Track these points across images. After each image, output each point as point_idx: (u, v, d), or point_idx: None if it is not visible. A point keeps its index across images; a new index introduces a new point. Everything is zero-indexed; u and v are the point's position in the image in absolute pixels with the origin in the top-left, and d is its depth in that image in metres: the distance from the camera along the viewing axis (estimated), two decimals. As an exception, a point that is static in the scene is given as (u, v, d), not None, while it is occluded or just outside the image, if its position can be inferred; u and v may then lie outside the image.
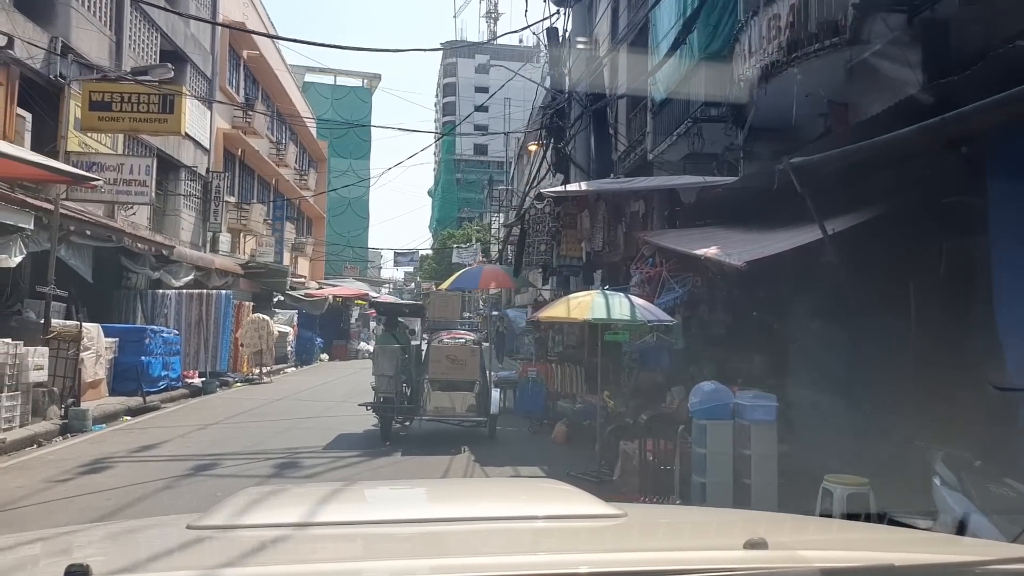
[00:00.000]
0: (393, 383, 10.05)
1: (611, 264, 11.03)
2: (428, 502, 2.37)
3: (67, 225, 12.30)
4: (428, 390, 9.89)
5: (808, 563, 1.43)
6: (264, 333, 19.71)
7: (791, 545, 1.65)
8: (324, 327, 31.37)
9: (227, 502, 2.00)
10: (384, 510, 2.15)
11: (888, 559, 1.48)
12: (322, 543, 1.67)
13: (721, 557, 1.48)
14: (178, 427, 10.91)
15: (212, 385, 16.62)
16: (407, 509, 2.18)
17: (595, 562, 1.45)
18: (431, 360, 9.98)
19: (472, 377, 9.86)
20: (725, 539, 1.79)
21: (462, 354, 9.94)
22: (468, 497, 2.39)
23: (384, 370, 10.05)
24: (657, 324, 7.77)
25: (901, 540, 1.95)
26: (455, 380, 9.78)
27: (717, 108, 12.66)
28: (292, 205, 35.95)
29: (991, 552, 1.57)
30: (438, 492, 2.86)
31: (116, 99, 14.30)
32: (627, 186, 10.33)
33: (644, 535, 1.86)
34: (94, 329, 12.59)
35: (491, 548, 1.63)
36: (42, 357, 10.24)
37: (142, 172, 14.60)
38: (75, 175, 9.61)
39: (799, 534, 1.97)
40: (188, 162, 21.42)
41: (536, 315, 7.95)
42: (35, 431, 9.87)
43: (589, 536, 1.78)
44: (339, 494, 2.29)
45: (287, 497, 2.39)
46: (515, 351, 18.59)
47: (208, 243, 23.35)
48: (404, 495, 2.59)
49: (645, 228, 10.30)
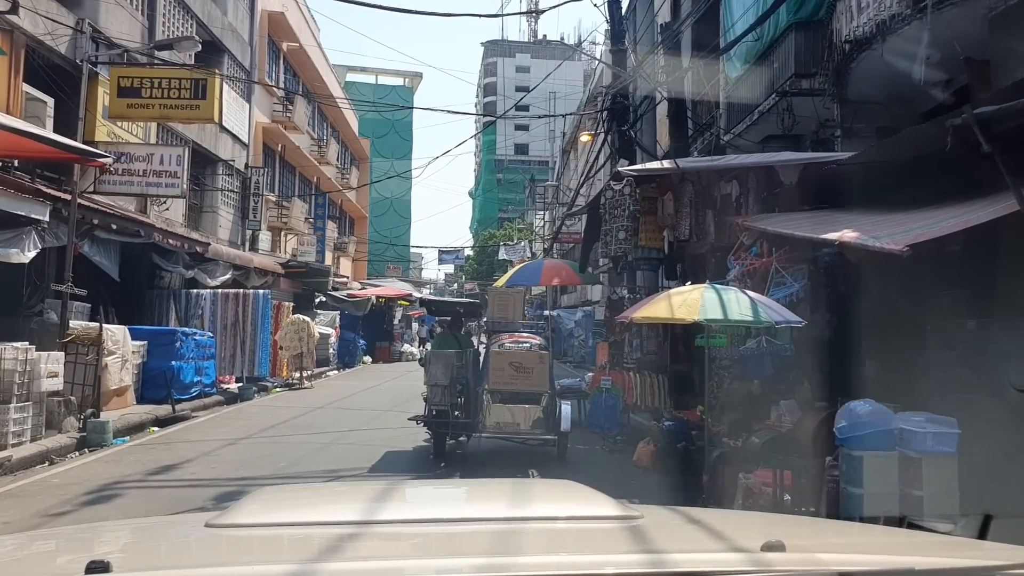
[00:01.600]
0: (447, 394, 8.69)
1: (695, 256, 9.53)
2: (445, 502, 2.34)
3: (90, 218, 11.27)
4: (488, 402, 8.51)
5: (826, 566, 1.41)
6: (304, 335, 18.59)
7: (809, 548, 1.65)
8: (367, 328, 30.38)
9: (245, 500, 2.01)
10: (402, 510, 2.11)
11: (908, 563, 1.45)
12: (339, 542, 1.64)
13: (739, 559, 1.47)
14: (206, 441, 9.73)
15: (249, 391, 15.54)
16: (424, 509, 2.16)
17: (612, 563, 1.45)
18: (491, 368, 8.59)
19: (540, 388, 8.46)
20: (743, 541, 1.66)
21: (528, 361, 8.52)
22: (484, 498, 2.38)
23: (437, 379, 8.72)
24: (782, 325, 6.26)
25: (921, 543, 1.96)
26: (520, 391, 8.40)
27: (809, 80, 11.15)
28: (334, 204, 35.08)
29: (1013, 556, 1.51)
30: (455, 492, 2.81)
31: (146, 84, 13.29)
32: (721, 163, 8.84)
33: (661, 536, 1.77)
34: (119, 331, 11.53)
35: (507, 549, 1.61)
36: (57, 363, 9.16)
37: (173, 162, 13.55)
38: (81, 150, 8.54)
39: (817, 537, 1.97)
40: (225, 156, 20.47)
41: (629, 315, 6.51)
42: (47, 446, 8.77)
43: (606, 537, 1.76)
44: (357, 493, 2.44)
45: (305, 496, 2.41)
46: (563, 354, 17.64)
47: (248, 241, 22.42)
48: (421, 495, 2.57)
49: (739, 213, 8.79)
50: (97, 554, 1.34)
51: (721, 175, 8.97)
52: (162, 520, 2.50)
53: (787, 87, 11.13)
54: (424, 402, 9.18)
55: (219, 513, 1.81)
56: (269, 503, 2.06)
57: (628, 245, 8.35)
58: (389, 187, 64.27)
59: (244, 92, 22.31)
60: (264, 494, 2.20)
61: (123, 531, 2.20)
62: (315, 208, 30.89)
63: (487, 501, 2.25)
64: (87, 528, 2.60)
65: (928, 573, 1.40)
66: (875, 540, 1.94)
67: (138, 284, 15.07)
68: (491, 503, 2.18)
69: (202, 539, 1.66)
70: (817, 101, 10.79)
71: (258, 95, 23.41)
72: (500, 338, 9.64)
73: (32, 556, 1.73)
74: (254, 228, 22.64)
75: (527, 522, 1.85)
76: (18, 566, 1.62)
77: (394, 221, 64.17)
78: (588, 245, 10.35)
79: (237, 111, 21.66)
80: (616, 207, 8.33)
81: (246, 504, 1.96)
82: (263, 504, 2.01)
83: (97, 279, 12.94)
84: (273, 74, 25.43)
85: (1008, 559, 1.48)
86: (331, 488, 3.06)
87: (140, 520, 3.43)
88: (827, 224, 7.04)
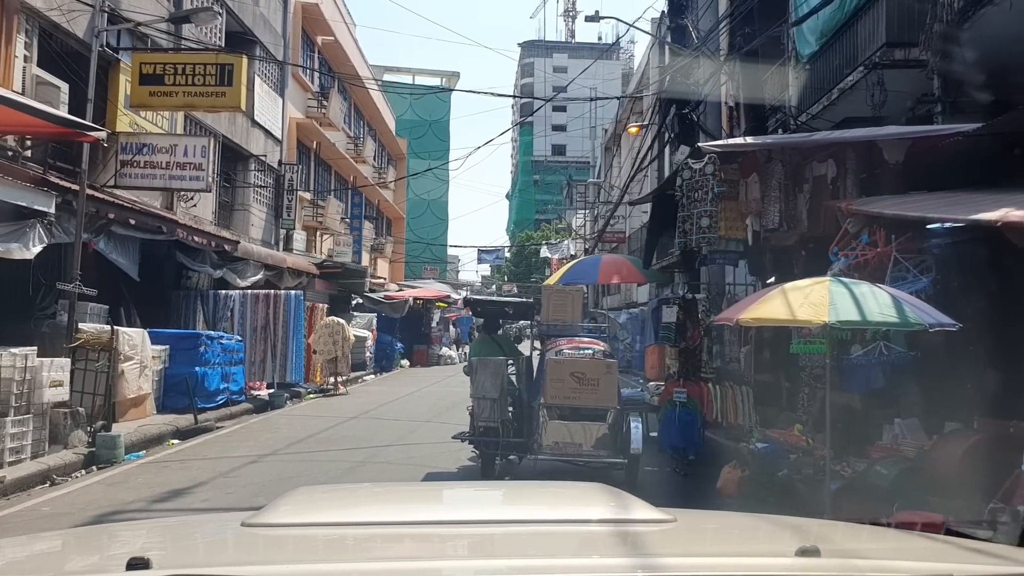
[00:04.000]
0: (497, 409, 7.53)
1: (780, 249, 8.24)
2: (478, 504, 2.33)
3: (104, 212, 10.37)
4: (544, 419, 7.36)
5: (862, 572, 1.41)
6: (339, 338, 17.61)
7: (844, 553, 1.62)
8: (404, 331, 29.48)
9: (281, 500, 2.01)
10: (436, 511, 2.10)
11: (945, 569, 1.43)
12: (372, 543, 1.68)
13: (773, 564, 1.46)
14: (226, 458, 8.71)
15: (280, 398, 14.59)
16: (457, 511, 2.15)
17: (645, 566, 1.44)
18: (549, 378, 7.38)
19: (607, 403, 7.28)
20: (777, 546, 1.70)
21: (593, 371, 7.29)
22: (518, 500, 2.37)
23: (486, 391, 7.53)
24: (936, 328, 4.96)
25: (959, 550, 1.85)
26: (582, 407, 7.22)
27: (904, 50, 9.78)
28: (371, 204, 34.28)
29: None
30: (488, 495, 2.76)
31: (169, 71, 12.40)
32: (818, 138, 7.55)
33: (694, 540, 1.81)
34: (137, 335, 10.62)
35: (540, 551, 1.63)
36: (61, 371, 8.22)
37: (198, 153, 12.64)
38: (73, 122, 7.61)
39: (852, 542, 1.91)
40: (257, 152, 19.65)
41: (731, 316, 5.28)
42: (49, 464, 7.84)
43: (638, 540, 1.70)
44: (392, 494, 2.50)
45: (339, 496, 2.45)
46: None
47: (281, 241, 21.60)
48: (455, 497, 2.55)
49: (835, 197, 7.49)
50: (138, 550, 1.42)
51: (814, 153, 7.67)
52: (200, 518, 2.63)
53: (877, 59, 9.78)
54: (469, 416, 8.10)
55: (255, 512, 1.83)
56: (304, 503, 2.07)
57: (713, 234, 7.10)
58: (426, 188, 63.88)
59: (277, 86, 21.51)
60: (299, 494, 2.23)
61: (162, 529, 2.26)
62: (351, 208, 30.09)
63: (520, 503, 2.26)
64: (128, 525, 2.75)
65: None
66: (912, 546, 1.90)
67: (163, 284, 14.23)
68: (524, 505, 2.20)
69: (239, 538, 1.71)
70: (912, 74, 9.45)
71: (292, 90, 22.61)
72: (557, 343, 8.47)
73: (76, 552, 1.80)
74: (288, 227, 21.81)
75: (560, 524, 1.87)
76: (63, 560, 1.71)
77: (431, 223, 63.72)
78: (654, 237, 9.11)
79: (270, 105, 20.85)
80: (696, 189, 7.09)
81: (282, 503, 1.97)
82: (298, 504, 2.03)
83: (119, 279, 12.09)
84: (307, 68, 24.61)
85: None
86: (366, 489, 3.16)
87: (178, 518, 3.62)
88: (965, 204, 5.73)
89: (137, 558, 1.29)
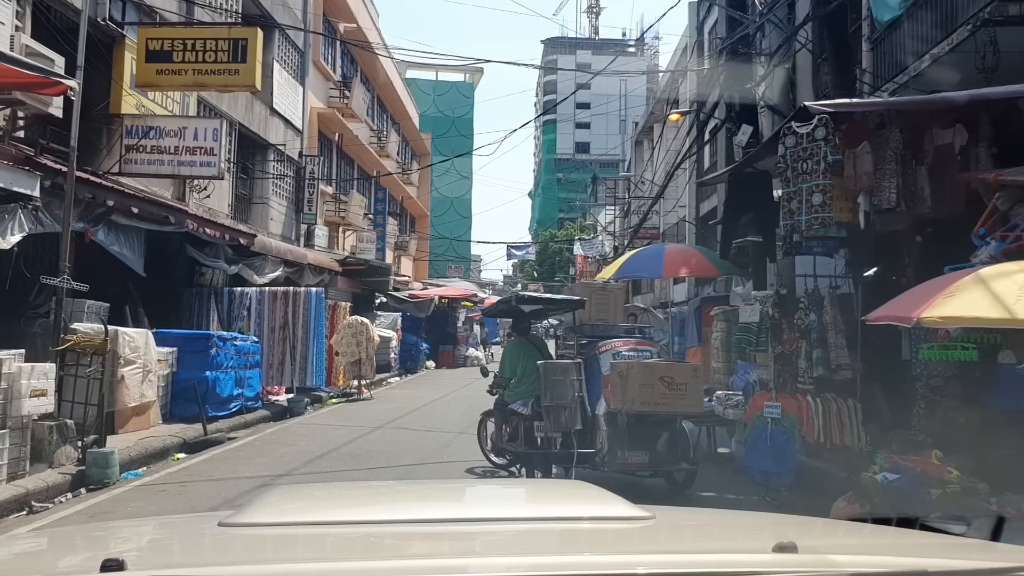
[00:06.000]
0: (572, 417, 6.78)
1: (887, 236, 6.89)
2: (456, 502, 2.28)
3: (103, 198, 9.27)
4: (613, 428, 6.83)
5: (839, 567, 1.39)
6: (363, 339, 16.44)
7: (821, 549, 1.61)
8: (429, 331, 28.34)
9: (259, 499, 2.00)
10: (413, 510, 2.07)
11: (921, 564, 1.42)
12: (352, 542, 1.66)
13: (750, 560, 1.45)
14: (233, 480, 7.53)
15: (300, 404, 13.45)
16: (436, 509, 2.09)
17: (624, 564, 1.43)
18: (638, 384, 6.61)
19: (695, 409, 6.84)
20: (754, 542, 1.68)
21: (682, 375, 6.68)
22: (497, 498, 2.38)
23: (559, 397, 6.79)
24: None
25: (934, 545, 1.87)
26: (670, 413, 6.66)
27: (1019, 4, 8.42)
28: (395, 201, 33.21)
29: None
30: (468, 493, 2.72)
31: (178, 47, 11.31)
32: (953, 96, 6.20)
33: (673, 537, 1.81)
34: (140, 336, 9.50)
35: (520, 549, 1.62)
36: (44, 378, 7.08)
37: (209, 137, 11.53)
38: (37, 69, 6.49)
39: (829, 538, 1.91)
40: (276, 142, 18.57)
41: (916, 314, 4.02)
42: (28, 488, 6.69)
43: (617, 537, 1.74)
44: (371, 493, 2.44)
45: (318, 495, 2.40)
46: None
47: (302, 237, 20.53)
48: (435, 495, 2.46)
49: (965, 170, 6.14)
50: (112, 552, 1.34)
51: (936, 119, 6.33)
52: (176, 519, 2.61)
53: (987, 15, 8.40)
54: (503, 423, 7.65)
55: (233, 512, 1.79)
56: (283, 501, 2.06)
57: (827, 213, 5.76)
58: (450, 186, 62.98)
59: (298, 74, 20.44)
60: (277, 492, 2.26)
61: (138, 529, 2.22)
62: (375, 203, 29.01)
63: (500, 501, 2.28)
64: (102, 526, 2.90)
65: (940, 574, 1.37)
66: (888, 541, 1.86)
67: (173, 282, 13.15)
68: (504, 503, 2.23)
69: (216, 538, 1.68)
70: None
71: (313, 78, 21.52)
72: (612, 345, 7.67)
73: (49, 553, 1.76)
74: (309, 222, 20.72)
75: (540, 522, 1.87)
76: (35, 562, 1.65)
77: (454, 221, 62.87)
78: (731, 223, 7.77)
79: (290, 94, 19.78)
80: (803, 159, 5.76)
81: (259, 503, 1.94)
82: (276, 503, 2.01)
83: (124, 275, 11.02)
84: (329, 56, 23.51)
85: (1021, 561, 1.43)
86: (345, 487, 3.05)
87: (154, 519, 3.52)
88: None
89: (111, 559, 1.27)
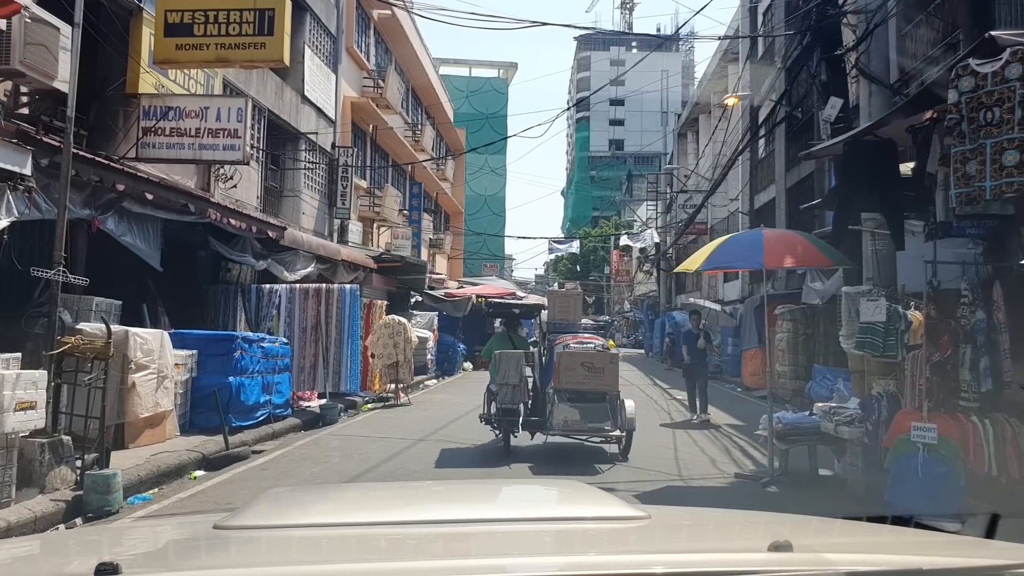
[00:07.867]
0: (519, 393, 9.15)
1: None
2: (452, 503, 2.25)
3: (111, 181, 8.21)
4: (555, 401, 8.86)
5: (834, 566, 1.39)
6: (400, 340, 15.30)
7: (816, 548, 1.62)
8: (466, 331, 27.17)
9: (255, 502, 1.99)
10: (408, 511, 2.06)
11: (916, 562, 1.44)
12: (347, 544, 1.66)
13: (746, 559, 1.45)
14: (257, 507, 6.42)
15: (333, 411, 12.34)
16: (431, 510, 2.10)
17: (619, 564, 1.44)
18: (563, 367, 8.80)
19: (610, 388, 8.78)
20: (749, 541, 1.71)
21: (600, 361, 8.83)
22: (493, 499, 2.37)
23: (509, 378, 9.12)
24: None
25: (929, 543, 1.88)
26: (589, 391, 8.75)
27: None
28: (429, 197, 32.13)
29: (1020, 556, 1.47)
30: (462, 494, 2.63)
31: (199, 19, 10.24)
32: None
33: (668, 537, 1.82)
34: (154, 338, 8.42)
35: (516, 550, 1.62)
36: (32, 388, 5.99)
37: (233, 118, 10.46)
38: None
39: (824, 536, 1.92)
40: (308, 132, 17.54)
41: None
42: (11, 520, 5.59)
43: (613, 537, 1.75)
44: (367, 495, 2.49)
45: (314, 497, 2.39)
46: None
47: (336, 232, 19.51)
48: (429, 496, 2.50)
49: None
50: (106, 555, 1.32)
51: None
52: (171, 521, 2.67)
53: None
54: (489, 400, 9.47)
55: (228, 515, 1.79)
56: (278, 504, 2.04)
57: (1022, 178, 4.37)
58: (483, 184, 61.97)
59: (330, 61, 19.41)
60: (273, 495, 2.21)
61: (132, 533, 2.22)
62: (410, 199, 27.98)
63: (496, 503, 2.26)
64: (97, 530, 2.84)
65: (936, 573, 1.38)
66: (883, 540, 1.86)
67: (197, 278, 12.15)
68: (499, 505, 2.22)
69: (211, 541, 1.66)
70: None
71: (346, 66, 20.50)
72: (563, 339, 9.62)
73: (43, 558, 1.74)
74: (343, 216, 19.70)
75: (536, 523, 1.88)
76: (30, 567, 1.64)
77: (488, 219, 61.82)
78: (846, 203, 6.34)
79: (322, 81, 18.76)
80: (990, 105, 4.39)
81: (255, 505, 1.93)
82: (272, 505, 2.01)
83: (143, 271, 10.01)
84: (362, 44, 22.47)
85: (1015, 558, 1.44)
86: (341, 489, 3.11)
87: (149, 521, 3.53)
88: None
89: (105, 563, 1.25)
